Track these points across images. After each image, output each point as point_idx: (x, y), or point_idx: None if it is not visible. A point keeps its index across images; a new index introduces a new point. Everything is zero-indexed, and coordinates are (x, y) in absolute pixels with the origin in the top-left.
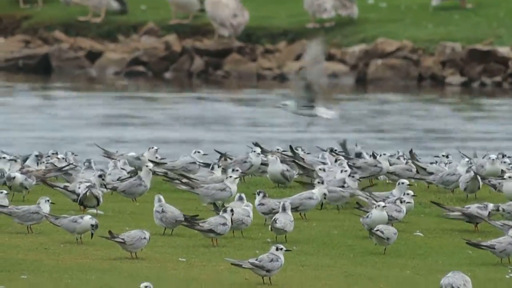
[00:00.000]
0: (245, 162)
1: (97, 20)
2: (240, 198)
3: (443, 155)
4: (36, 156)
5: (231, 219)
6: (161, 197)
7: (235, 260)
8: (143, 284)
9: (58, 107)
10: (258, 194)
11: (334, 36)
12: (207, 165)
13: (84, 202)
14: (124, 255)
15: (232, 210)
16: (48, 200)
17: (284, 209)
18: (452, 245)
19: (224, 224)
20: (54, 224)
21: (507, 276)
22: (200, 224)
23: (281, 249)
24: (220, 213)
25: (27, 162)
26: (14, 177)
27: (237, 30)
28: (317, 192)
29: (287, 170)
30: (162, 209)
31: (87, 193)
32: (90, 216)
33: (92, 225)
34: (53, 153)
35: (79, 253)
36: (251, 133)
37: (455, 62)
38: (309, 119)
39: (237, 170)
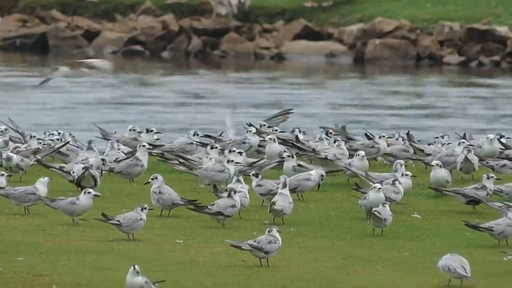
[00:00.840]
0: (244, 143)
1: None
2: (238, 181)
3: (441, 136)
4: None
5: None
6: (161, 177)
7: (234, 241)
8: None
9: (55, 88)
10: (256, 176)
11: (331, 15)
12: (204, 145)
13: (81, 183)
14: (121, 236)
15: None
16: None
17: (284, 185)
18: (450, 227)
19: (233, 206)
20: (51, 206)
21: (504, 259)
22: (208, 207)
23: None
24: (221, 195)
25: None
26: (11, 158)
27: (245, 5)
28: (314, 173)
29: (285, 151)
30: (160, 190)
31: (85, 173)
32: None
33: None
34: (56, 133)
35: (76, 235)
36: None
37: (453, 41)
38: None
39: (233, 151)
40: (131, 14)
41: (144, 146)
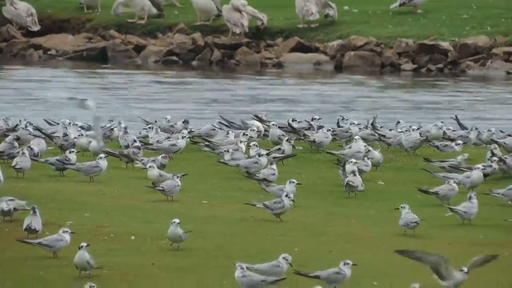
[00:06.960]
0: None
1: (142, 22)
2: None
3: (398, 122)
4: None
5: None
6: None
7: (257, 202)
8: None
9: (113, 88)
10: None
11: (318, 34)
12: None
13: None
14: (162, 198)
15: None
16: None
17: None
18: (406, 192)
19: (273, 174)
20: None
21: (446, 215)
22: (256, 175)
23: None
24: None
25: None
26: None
27: (263, 25)
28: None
29: (283, 135)
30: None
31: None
32: None
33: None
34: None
35: (129, 197)
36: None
37: (408, 53)
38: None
39: (245, 134)
40: (168, 33)
41: (183, 133)
